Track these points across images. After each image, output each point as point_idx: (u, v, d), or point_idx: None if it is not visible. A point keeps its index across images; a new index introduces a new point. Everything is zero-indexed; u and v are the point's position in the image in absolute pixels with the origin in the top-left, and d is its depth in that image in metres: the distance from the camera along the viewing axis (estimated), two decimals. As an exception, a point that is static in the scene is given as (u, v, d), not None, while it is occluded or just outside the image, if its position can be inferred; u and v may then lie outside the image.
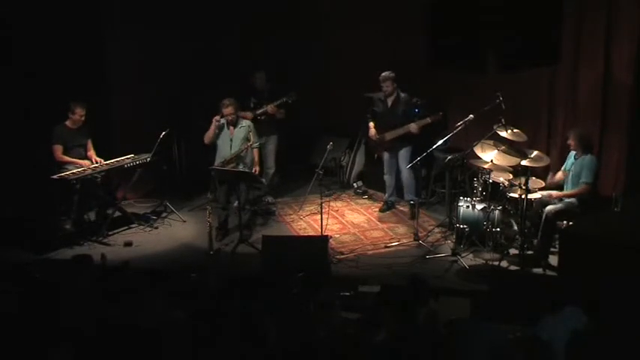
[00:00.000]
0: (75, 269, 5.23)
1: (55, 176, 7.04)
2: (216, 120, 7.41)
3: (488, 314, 5.20)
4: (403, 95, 7.77)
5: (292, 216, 8.13)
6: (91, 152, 7.57)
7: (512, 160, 6.70)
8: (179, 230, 7.76)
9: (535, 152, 6.74)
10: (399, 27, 8.64)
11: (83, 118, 7.38)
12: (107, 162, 7.51)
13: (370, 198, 8.72)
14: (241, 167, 7.36)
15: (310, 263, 6.19)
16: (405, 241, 7.23)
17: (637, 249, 5.00)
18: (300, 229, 7.71)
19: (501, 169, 6.89)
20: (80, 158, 7.44)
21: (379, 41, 8.89)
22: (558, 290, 5.26)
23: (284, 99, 8.20)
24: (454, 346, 4.08)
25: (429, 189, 8.41)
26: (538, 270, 6.34)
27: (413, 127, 7.55)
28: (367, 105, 8.24)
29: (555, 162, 7.19)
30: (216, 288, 5.23)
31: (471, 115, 7.04)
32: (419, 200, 7.81)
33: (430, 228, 7.58)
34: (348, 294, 5.74)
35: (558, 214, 6.40)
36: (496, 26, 5.06)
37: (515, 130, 6.82)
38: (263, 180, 8.02)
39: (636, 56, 6.78)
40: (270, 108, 8.20)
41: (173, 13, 8.48)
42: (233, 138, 7.42)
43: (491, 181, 6.91)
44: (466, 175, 7.37)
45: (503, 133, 6.76)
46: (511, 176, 6.84)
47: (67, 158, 7.34)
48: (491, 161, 6.74)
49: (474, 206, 6.85)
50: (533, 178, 6.62)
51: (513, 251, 6.73)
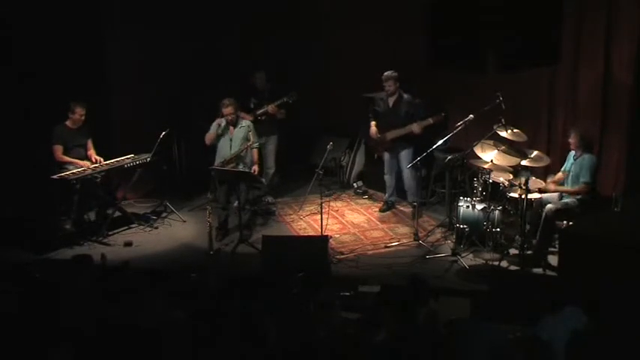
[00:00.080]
0: (75, 269, 5.22)
1: (55, 176, 7.04)
2: (218, 124, 7.42)
3: (488, 314, 5.20)
4: (406, 96, 7.75)
5: (292, 216, 8.13)
6: (91, 152, 7.56)
7: (512, 160, 6.70)
8: (179, 230, 7.76)
9: (535, 152, 6.74)
10: (399, 27, 8.64)
11: (83, 118, 7.38)
12: (107, 162, 7.51)
13: (370, 198, 8.72)
14: (241, 167, 7.36)
15: (310, 263, 6.19)
16: (405, 241, 7.23)
17: (637, 249, 5.00)
18: (300, 229, 7.71)
19: (501, 169, 6.89)
20: (80, 158, 7.43)
21: (379, 41, 8.89)
22: (558, 290, 5.27)
23: (284, 99, 8.20)
24: (454, 346, 4.08)
25: (429, 189, 8.41)
26: (538, 270, 6.34)
27: (415, 128, 7.55)
28: (368, 105, 8.24)
29: (555, 162, 7.19)
30: (216, 288, 5.23)
31: (471, 115, 7.03)
32: (420, 201, 7.83)
33: (430, 228, 7.58)
34: (348, 294, 5.74)
35: (558, 214, 6.40)
36: (496, 26, 5.07)
37: (515, 130, 6.82)
38: (263, 180, 8.02)
39: (636, 56, 6.78)
40: (270, 108, 8.20)
41: (173, 13, 8.48)
42: (233, 138, 7.42)
43: (491, 181, 6.92)
44: (466, 175, 7.37)
45: (503, 133, 6.77)
46: (511, 176, 6.84)
47: (67, 158, 7.34)
48: (491, 161, 6.74)
49: (474, 206, 6.85)
50: (533, 178, 6.63)
51: (513, 251, 6.73)
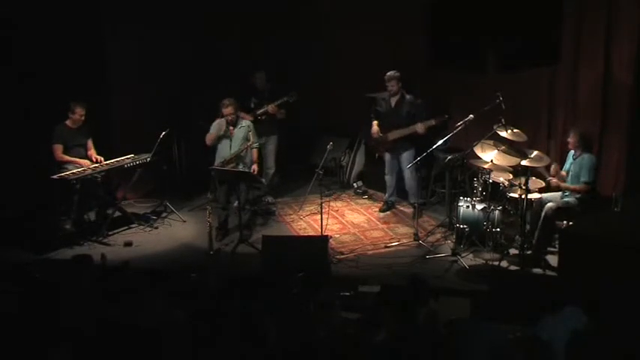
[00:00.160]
0: (75, 269, 5.22)
1: (55, 176, 7.04)
2: (218, 124, 7.41)
3: (488, 314, 5.20)
4: (409, 97, 7.73)
5: (292, 216, 8.13)
6: (92, 152, 7.56)
7: (512, 160, 6.70)
8: (179, 230, 7.76)
9: (535, 152, 6.73)
10: (399, 27, 8.64)
11: (83, 118, 7.38)
12: (107, 162, 7.51)
13: (370, 198, 8.72)
14: (241, 167, 7.36)
15: (310, 263, 6.19)
16: (405, 241, 7.22)
17: (637, 249, 5.00)
18: (300, 229, 7.71)
19: (501, 169, 6.89)
20: (80, 158, 7.43)
21: (379, 41, 8.89)
22: (558, 290, 5.27)
23: (285, 99, 8.20)
24: (454, 346, 4.08)
25: (429, 189, 8.41)
26: (538, 270, 6.34)
27: (419, 128, 7.51)
28: (369, 105, 8.23)
29: (555, 161, 7.19)
30: (216, 288, 5.23)
31: (471, 115, 7.03)
32: (422, 202, 7.83)
33: (430, 228, 7.59)
34: (348, 294, 5.74)
35: (558, 212, 6.40)
36: (496, 26, 5.07)
37: (515, 130, 6.81)
38: (263, 180, 8.02)
39: (636, 56, 6.78)
40: (270, 108, 8.20)
41: (173, 13, 8.48)
42: (233, 138, 7.42)
43: (491, 181, 6.92)
44: (466, 175, 7.37)
45: (503, 133, 6.76)
46: (511, 176, 6.84)
47: (67, 158, 7.34)
48: (491, 161, 6.74)
49: (474, 206, 6.85)
50: (533, 178, 6.63)
51: (513, 251, 6.73)
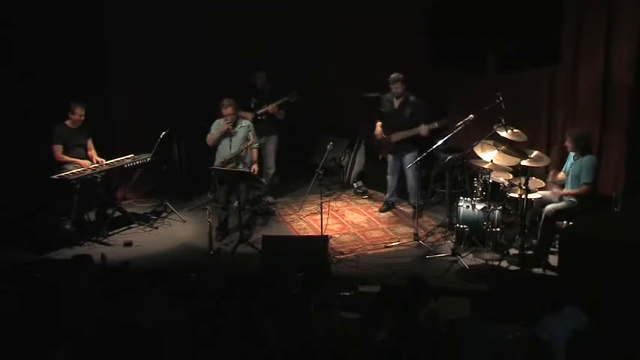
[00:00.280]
0: (75, 269, 5.22)
1: (55, 176, 7.03)
2: (227, 123, 7.39)
3: (488, 314, 5.19)
4: (412, 98, 7.74)
5: (292, 216, 8.13)
6: (92, 152, 7.56)
7: (512, 160, 6.69)
8: (179, 230, 7.75)
9: (535, 152, 6.74)
10: (399, 27, 8.64)
11: (83, 118, 7.38)
12: (107, 162, 7.51)
13: (370, 198, 8.71)
14: (241, 167, 7.36)
15: (310, 263, 6.19)
16: (405, 241, 7.22)
17: (637, 249, 5.01)
18: (300, 229, 7.71)
19: (501, 169, 6.89)
20: (80, 158, 7.43)
21: (379, 41, 8.89)
22: (558, 290, 5.26)
23: (285, 98, 8.20)
24: (454, 346, 4.08)
25: (429, 189, 8.41)
26: (538, 270, 6.34)
27: (423, 130, 7.49)
28: (368, 105, 8.23)
29: (555, 162, 7.19)
30: (216, 288, 5.23)
31: (471, 115, 7.03)
32: (423, 203, 7.87)
33: (430, 228, 7.59)
34: (348, 294, 5.74)
35: (558, 214, 6.39)
36: (496, 26, 5.06)
37: (515, 130, 6.81)
38: (263, 180, 8.02)
39: (636, 56, 6.78)
40: (271, 108, 8.19)
41: (173, 13, 8.47)
42: (233, 138, 7.42)
43: (491, 181, 6.91)
44: (466, 175, 7.37)
45: (503, 133, 6.76)
46: (511, 176, 6.84)
47: (67, 158, 7.34)
48: (491, 161, 6.74)
49: (474, 206, 6.85)
50: (533, 178, 6.62)
51: (513, 251, 6.73)
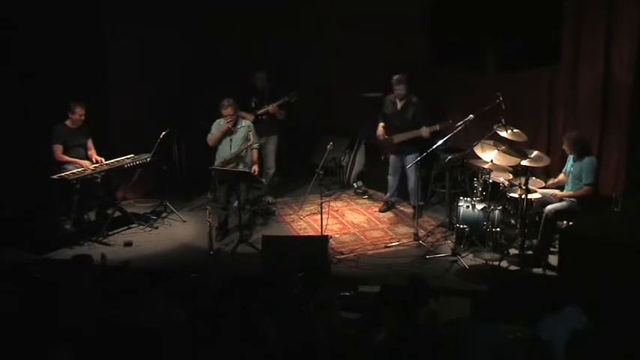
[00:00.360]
0: (75, 269, 5.22)
1: (55, 176, 7.04)
2: (227, 122, 7.39)
3: (488, 314, 5.19)
4: (415, 100, 7.72)
5: (292, 216, 8.13)
6: (92, 152, 7.56)
7: (512, 160, 6.70)
8: (179, 230, 7.75)
9: (535, 152, 6.74)
10: (399, 27, 8.64)
11: (83, 118, 7.38)
12: (107, 162, 7.51)
13: (370, 198, 8.72)
14: (241, 167, 7.36)
15: (310, 263, 6.19)
16: (405, 241, 7.22)
17: (637, 249, 5.00)
18: (300, 229, 7.71)
19: (501, 169, 6.89)
20: (80, 158, 7.43)
21: (379, 41, 8.89)
22: (558, 290, 5.26)
23: (285, 98, 8.19)
24: (454, 346, 4.08)
25: (429, 189, 8.41)
26: (538, 270, 6.34)
27: (424, 131, 7.49)
28: (370, 105, 8.23)
29: (556, 162, 7.19)
30: (216, 288, 5.23)
31: (471, 115, 7.03)
32: (423, 203, 7.89)
33: (430, 228, 7.59)
34: (348, 294, 5.74)
35: (558, 214, 6.39)
36: (496, 26, 5.06)
37: (515, 130, 6.81)
38: (263, 180, 8.02)
39: (636, 56, 6.78)
40: (271, 108, 8.19)
41: (173, 13, 8.47)
42: (233, 138, 7.41)
43: (491, 181, 6.91)
44: (466, 175, 7.37)
45: (503, 133, 6.76)
46: (511, 176, 6.84)
47: (67, 158, 7.33)
48: (491, 161, 6.74)
49: (474, 206, 6.85)
50: (533, 178, 6.62)
51: (513, 251, 6.73)
